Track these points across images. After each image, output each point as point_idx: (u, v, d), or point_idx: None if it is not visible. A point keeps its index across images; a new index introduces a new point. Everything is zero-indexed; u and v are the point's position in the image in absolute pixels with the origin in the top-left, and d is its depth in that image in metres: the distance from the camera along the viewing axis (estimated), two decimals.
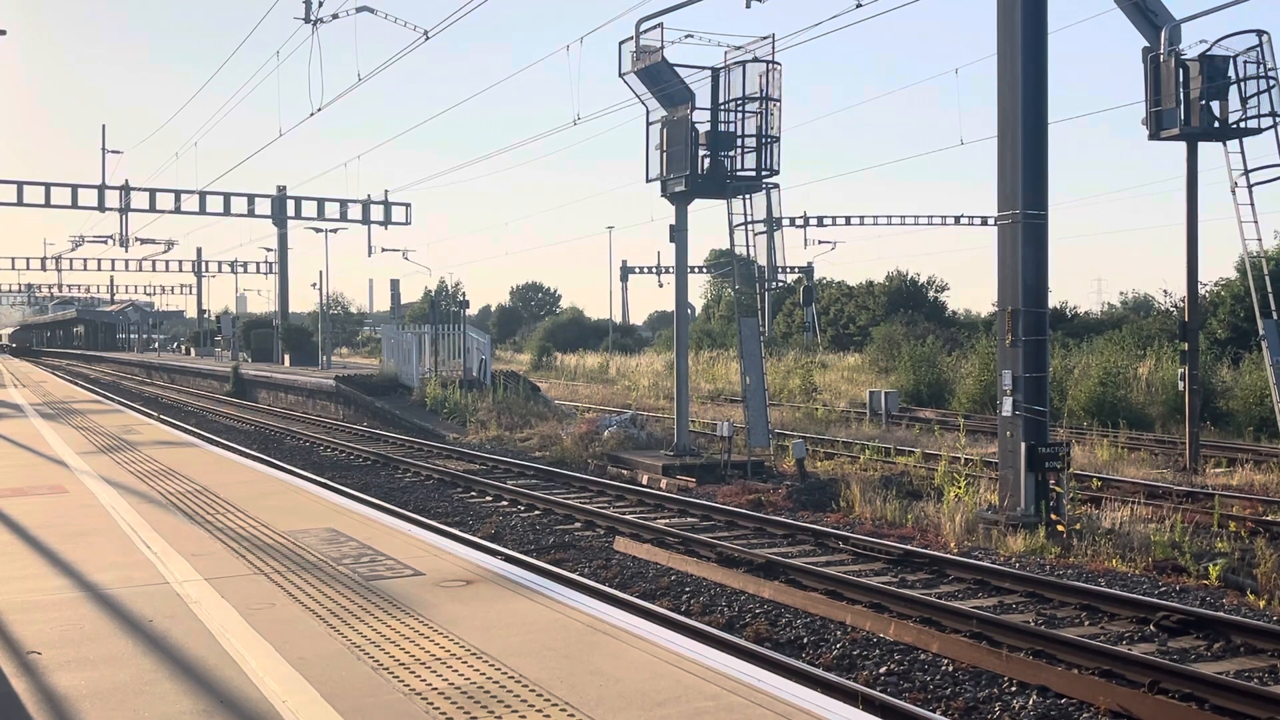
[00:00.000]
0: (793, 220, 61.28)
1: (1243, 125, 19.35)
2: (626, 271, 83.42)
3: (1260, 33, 19.14)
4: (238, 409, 39.56)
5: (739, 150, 20.41)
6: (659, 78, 20.58)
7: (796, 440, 20.55)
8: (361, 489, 18.74)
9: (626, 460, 21.37)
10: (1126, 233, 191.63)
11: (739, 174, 20.47)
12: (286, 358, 58.33)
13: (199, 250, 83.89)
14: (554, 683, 5.44)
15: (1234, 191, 19.24)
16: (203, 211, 55.47)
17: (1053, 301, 45.73)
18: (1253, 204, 19.06)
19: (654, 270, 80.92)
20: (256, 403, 43.52)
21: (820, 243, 64.32)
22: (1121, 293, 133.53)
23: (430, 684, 5.42)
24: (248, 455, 20.64)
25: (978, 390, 31.89)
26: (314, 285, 63.44)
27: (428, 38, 24.64)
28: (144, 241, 65.39)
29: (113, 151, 57.00)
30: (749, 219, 20.52)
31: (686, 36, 20.49)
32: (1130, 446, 22.95)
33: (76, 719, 5.00)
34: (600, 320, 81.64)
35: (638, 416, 26.33)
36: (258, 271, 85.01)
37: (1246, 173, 19.11)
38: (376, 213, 57.06)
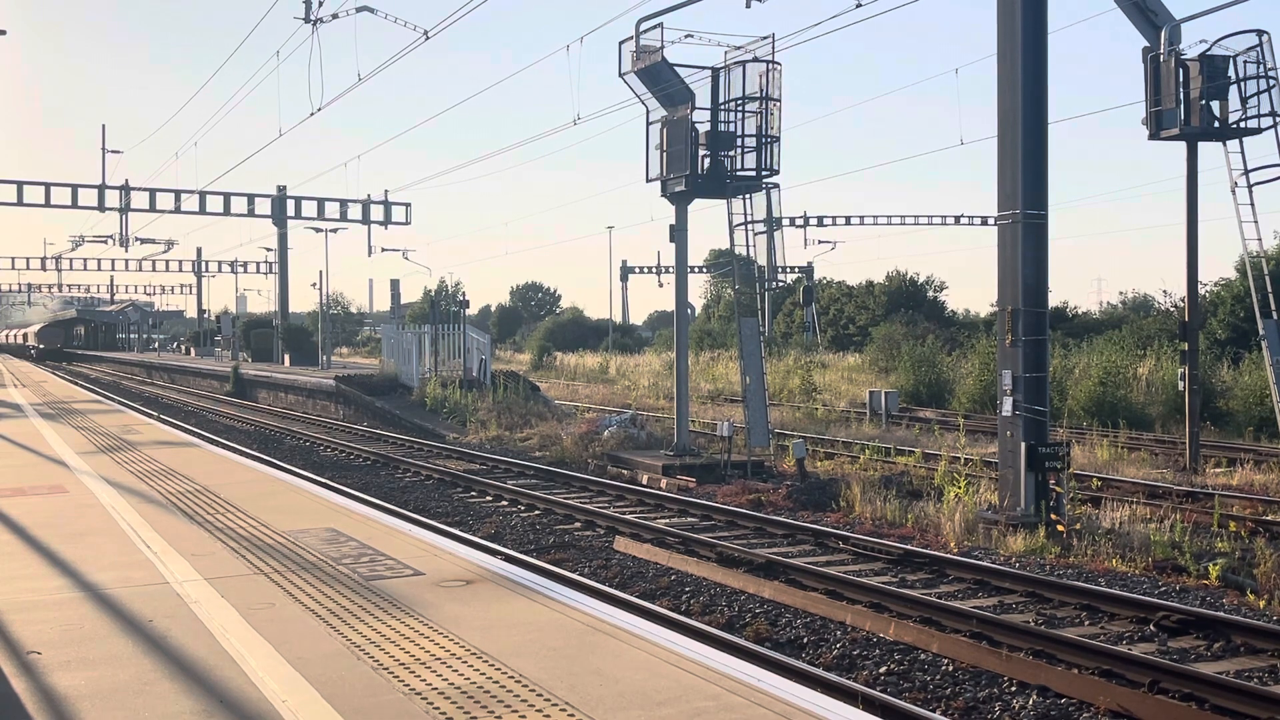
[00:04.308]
0: (793, 220, 61.23)
1: (1243, 125, 19.36)
2: (626, 271, 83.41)
3: (1260, 33, 19.15)
4: (238, 409, 39.56)
5: (739, 150, 20.41)
6: (659, 78, 20.58)
7: (796, 440, 20.55)
8: (361, 489, 18.74)
9: (626, 460, 21.37)
10: (1126, 233, 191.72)
11: (739, 174, 20.47)
12: (286, 358, 58.33)
13: (199, 250, 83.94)
14: (554, 683, 5.44)
15: (1234, 191, 19.27)
16: (203, 211, 55.43)
17: (1053, 301, 45.69)
18: (1253, 204, 19.11)
19: (654, 270, 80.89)
20: (256, 403, 43.52)
21: (820, 243, 64.31)
22: (1121, 293, 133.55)
23: (430, 684, 5.42)
24: (248, 455, 20.64)
25: (978, 390, 31.90)
26: (314, 285, 63.44)
27: (428, 38, 24.64)
28: (144, 241, 65.31)
29: (113, 151, 56.87)
30: (749, 219, 20.52)
31: (686, 36, 20.51)
32: (1130, 446, 22.95)
33: (76, 719, 5.01)
34: (600, 320, 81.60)
35: (638, 416, 26.34)
36: (258, 271, 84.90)
37: (1246, 173, 19.14)
38: (376, 213, 57.02)
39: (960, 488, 15.63)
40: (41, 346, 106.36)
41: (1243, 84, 19.37)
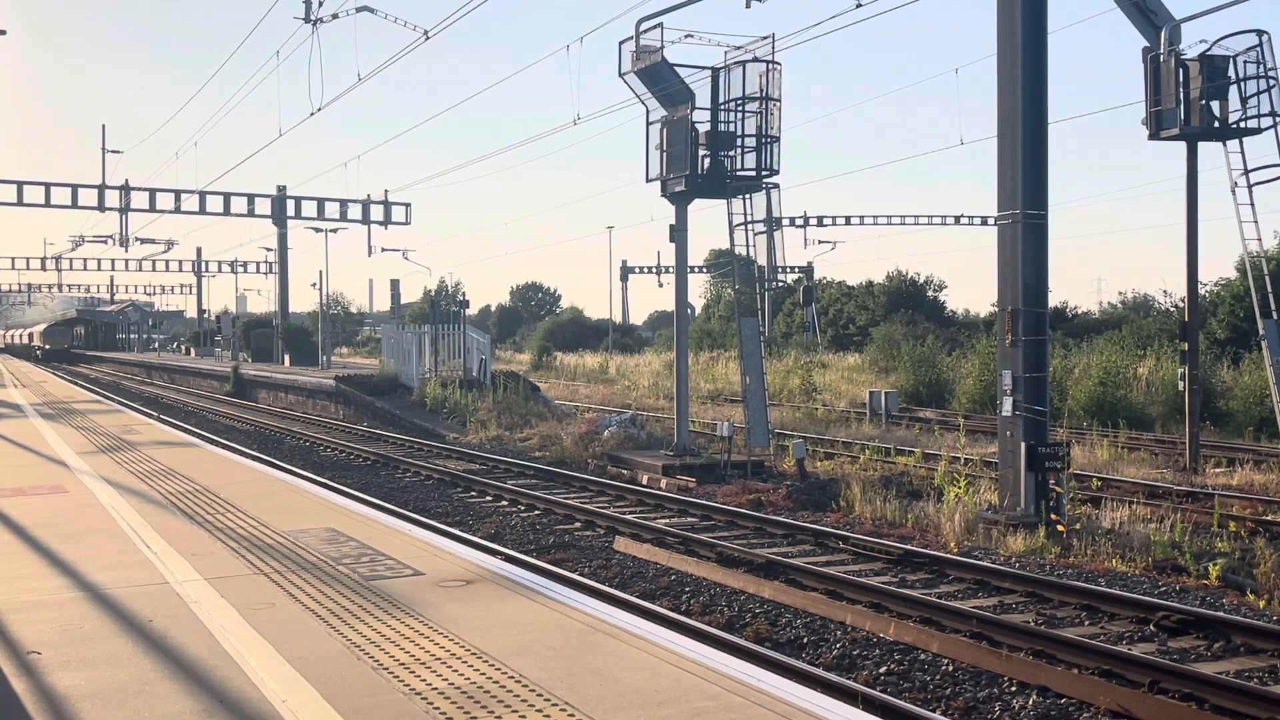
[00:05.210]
0: (793, 220, 61.21)
1: (1243, 125, 19.36)
2: (626, 271, 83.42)
3: (1260, 33, 19.16)
4: (238, 409, 39.56)
5: (739, 150, 20.40)
6: (659, 78, 20.58)
7: (796, 440, 20.54)
8: (361, 489, 18.74)
9: (626, 460, 21.37)
10: (1126, 233, 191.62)
11: (739, 174, 20.47)
12: (286, 358, 58.33)
13: (199, 250, 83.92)
14: (554, 683, 5.44)
15: (1234, 191, 19.27)
16: (203, 211, 55.43)
17: (1053, 301, 45.72)
18: (1253, 204, 19.12)
19: (654, 270, 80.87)
20: (256, 403, 43.52)
21: (820, 243, 64.30)
22: (1121, 293, 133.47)
23: (430, 684, 5.42)
24: (248, 455, 20.64)
25: (978, 390, 31.89)
26: (314, 285, 63.42)
27: (428, 38, 24.63)
28: (144, 241, 65.31)
29: (113, 151, 56.80)
30: (749, 219, 20.52)
31: (686, 36, 20.51)
32: (1130, 446, 22.95)
33: (76, 719, 5.01)
34: (600, 320, 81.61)
35: (638, 416, 26.33)
36: (258, 271, 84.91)
37: (1246, 173, 19.15)
38: (376, 213, 57.01)
39: (960, 488, 15.63)
40: (47, 347, 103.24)
41: (1243, 84, 19.37)
